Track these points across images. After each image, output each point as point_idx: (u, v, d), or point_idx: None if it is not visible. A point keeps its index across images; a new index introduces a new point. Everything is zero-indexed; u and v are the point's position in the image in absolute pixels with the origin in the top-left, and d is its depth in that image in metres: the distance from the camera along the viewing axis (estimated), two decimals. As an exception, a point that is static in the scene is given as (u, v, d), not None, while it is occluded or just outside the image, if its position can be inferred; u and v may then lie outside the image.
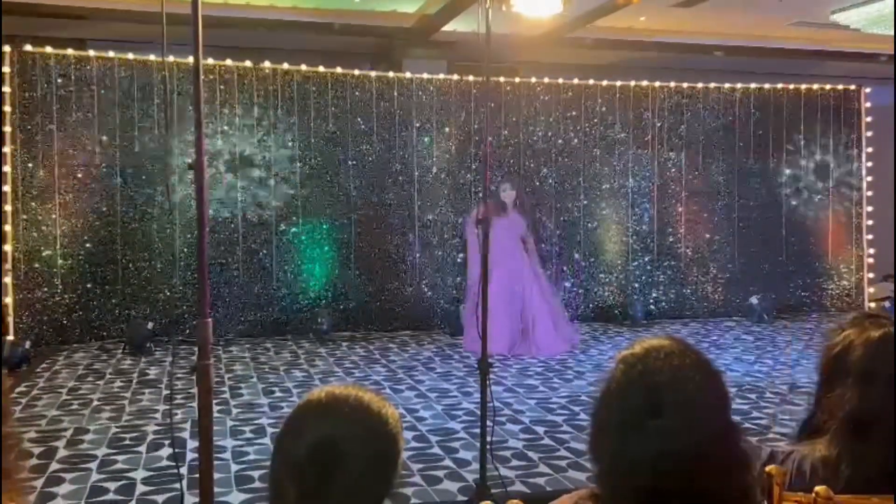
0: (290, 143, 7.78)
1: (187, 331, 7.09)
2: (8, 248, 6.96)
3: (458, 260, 8.16)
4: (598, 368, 6.39)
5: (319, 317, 7.60)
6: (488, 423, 3.50)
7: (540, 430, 4.78)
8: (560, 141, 8.57)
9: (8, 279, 6.95)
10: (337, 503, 1.19)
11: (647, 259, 8.82)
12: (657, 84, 8.86)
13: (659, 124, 8.85)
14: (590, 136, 8.67)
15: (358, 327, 7.92)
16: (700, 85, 8.95)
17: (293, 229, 7.78)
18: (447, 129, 8.25)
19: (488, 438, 3.55)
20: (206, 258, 2.34)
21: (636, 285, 8.75)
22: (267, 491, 1.24)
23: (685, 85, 8.93)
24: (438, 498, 3.66)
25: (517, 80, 8.54)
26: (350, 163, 7.94)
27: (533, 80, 8.56)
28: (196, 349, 2.33)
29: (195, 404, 4.44)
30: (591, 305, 8.65)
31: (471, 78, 8.22)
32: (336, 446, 1.23)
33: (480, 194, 7.64)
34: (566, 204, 8.57)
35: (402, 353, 7.08)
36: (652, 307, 8.76)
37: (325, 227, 7.86)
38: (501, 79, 8.37)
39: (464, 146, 8.22)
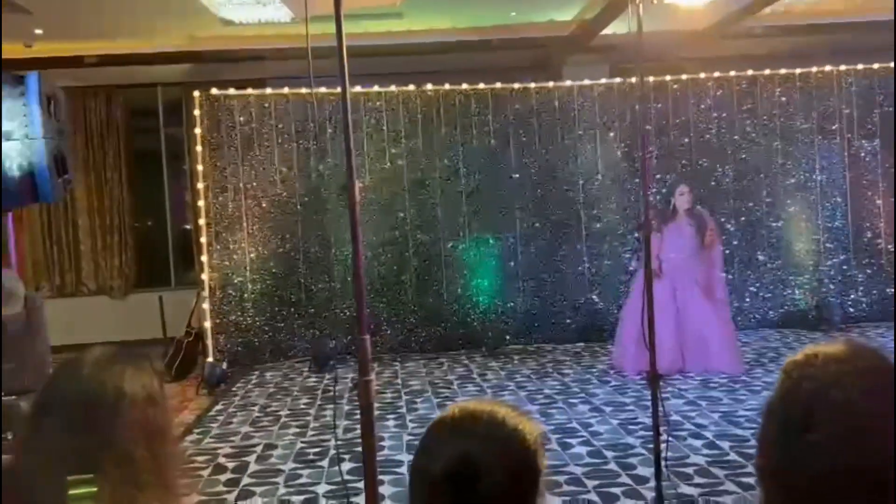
0: (454, 162, 7.89)
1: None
2: (205, 276, 7.57)
3: (630, 268, 7.89)
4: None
5: (490, 331, 7.61)
6: (667, 438, 3.32)
7: (725, 445, 4.49)
8: (736, 136, 8.09)
9: (206, 305, 7.56)
10: (474, 526, 1.14)
11: (842, 258, 8.09)
12: (842, 67, 8.14)
13: (847, 111, 8.12)
14: (769, 128, 8.11)
15: (529, 340, 7.86)
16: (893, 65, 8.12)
17: (461, 245, 7.87)
18: (611, 134, 8.03)
19: (666, 454, 3.36)
20: (362, 276, 2.39)
21: (831, 287, 8.04)
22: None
23: (876, 66, 8.14)
24: (614, 516, 3.52)
25: (684, 76, 8.16)
26: (513, 176, 7.93)
27: (702, 75, 8.15)
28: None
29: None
30: (780, 310, 8.05)
31: (633, 80, 7.95)
32: (471, 465, 1.18)
33: (649, 202, 7.31)
34: (746, 203, 8.05)
35: (574, 365, 6.94)
36: (851, 310, 8.01)
37: (491, 241, 7.89)
38: (667, 77, 8.04)
39: (630, 151, 7.97)
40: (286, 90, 7.82)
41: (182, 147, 9.39)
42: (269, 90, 7.91)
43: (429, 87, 7.93)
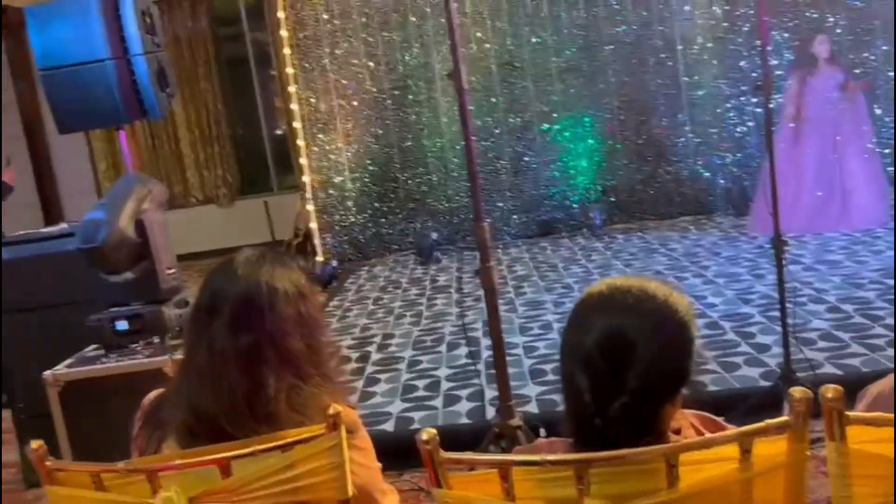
0: (543, 39, 7.62)
1: (467, 236, 7.43)
2: (306, 178, 7.73)
3: (737, 134, 7.56)
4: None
5: (591, 211, 7.52)
6: (788, 304, 3.25)
7: (849, 307, 4.36)
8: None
9: (311, 206, 7.75)
10: (632, 393, 1.16)
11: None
12: None
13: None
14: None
15: (632, 218, 7.72)
16: None
17: (555, 126, 7.70)
18: (709, -8, 7.52)
19: (789, 320, 3.30)
20: (474, 162, 2.37)
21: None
22: (560, 384, 1.24)
23: None
24: (739, 384, 3.51)
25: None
26: (606, 48, 7.60)
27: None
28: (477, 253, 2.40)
29: (483, 305, 4.63)
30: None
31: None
32: (625, 337, 1.18)
33: (758, 59, 6.91)
34: (860, 54, 7.47)
35: (682, 240, 6.80)
36: None
37: (587, 119, 7.67)
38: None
39: (731, 7, 7.45)
40: (366, -20, 7.66)
41: (268, 51, 9.41)
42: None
43: (511, -39, 7.59)
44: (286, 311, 1.41)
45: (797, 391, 1.11)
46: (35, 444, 1.36)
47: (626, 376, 1.16)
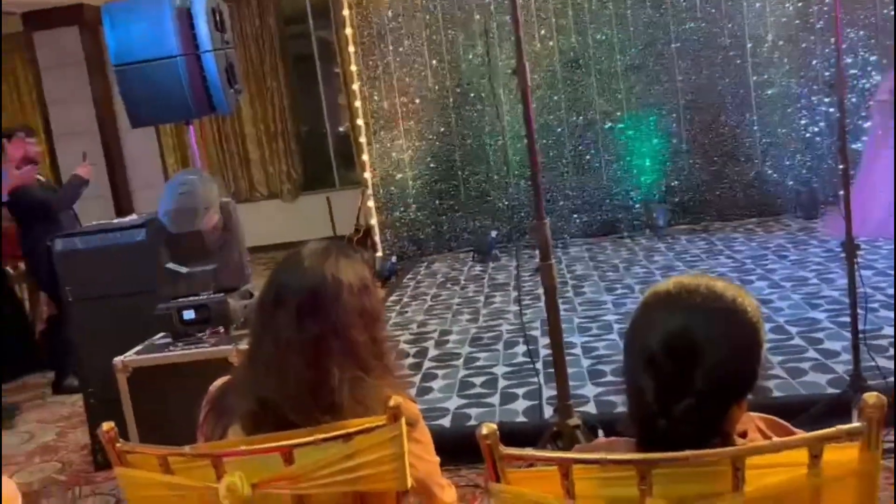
0: (608, 36, 7.53)
1: (526, 235, 7.40)
2: (368, 175, 7.81)
3: (807, 135, 7.34)
4: None
5: (654, 212, 7.40)
6: (859, 310, 3.14)
7: (923, 315, 4.19)
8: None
9: (371, 203, 7.83)
10: (698, 395, 1.13)
11: None
12: None
13: None
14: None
15: (696, 219, 7.57)
16: None
17: (619, 125, 7.60)
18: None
19: (859, 325, 3.19)
20: (537, 160, 2.36)
21: None
22: (623, 384, 1.22)
23: None
24: (805, 391, 3.41)
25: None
26: (673, 46, 7.47)
27: None
28: (538, 251, 2.39)
29: (542, 304, 4.62)
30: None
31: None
32: (691, 338, 1.16)
33: (831, 57, 6.71)
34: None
35: (748, 242, 6.64)
36: None
37: (652, 118, 7.55)
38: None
39: (804, 4, 7.25)
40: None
41: (333, 49, 9.54)
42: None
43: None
44: (351, 304, 1.42)
45: (871, 396, 1.07)
46: (106, 425, 1.40)
47: (693, 377, 1.14)
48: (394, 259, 7.50)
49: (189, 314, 2.94)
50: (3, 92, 9.12)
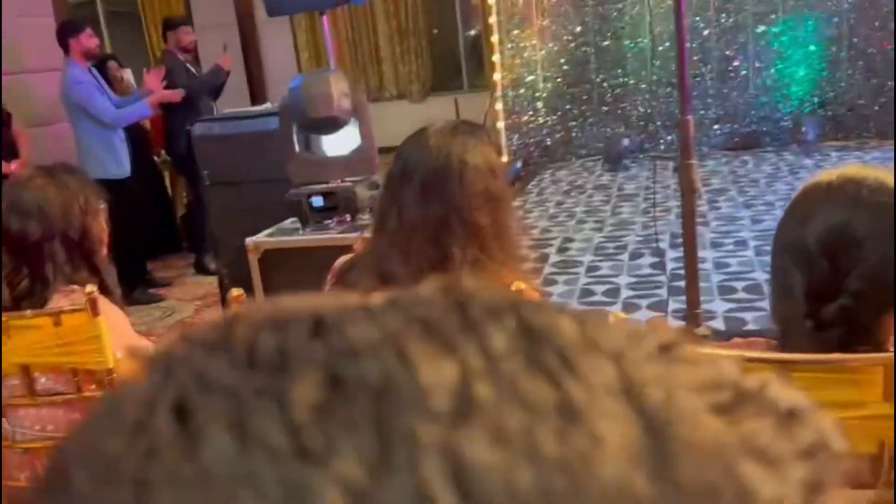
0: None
1: (661, 145, 7.08)
2: (497, 76, 7.62)
3: None
4: None
5: (804, 125, 6.87)
6: None
7: None
8: None
9: (499, 105, 7.66)
10: (853, 296, 1.02)
11: None
12: None
13: None
14: None
15: (851, 135, 6.99)
16: None
17: (773, 29, 7.01)
18: None
19: None
20: (685, 53, 2.19)
21: None
22: (771, 280, 1.12)
23: None
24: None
25: None
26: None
27: None
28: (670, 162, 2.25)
29: (672, 217, 4.43)
30: None
31: None
32: (852, 234, 1.04)
33: None
34: None
35: (908, 162, 6.08)
36: None
37: (810, 22, 6.92)
38: None
39: None
40: None
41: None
42: None
43: None
44: (475, 186, 1.38)
45: None
46: (236, 291, 1.44)
47: (848, 277, 1.03)
48: (518, 164, 7.37)
49: (318, 200, 3.00)
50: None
